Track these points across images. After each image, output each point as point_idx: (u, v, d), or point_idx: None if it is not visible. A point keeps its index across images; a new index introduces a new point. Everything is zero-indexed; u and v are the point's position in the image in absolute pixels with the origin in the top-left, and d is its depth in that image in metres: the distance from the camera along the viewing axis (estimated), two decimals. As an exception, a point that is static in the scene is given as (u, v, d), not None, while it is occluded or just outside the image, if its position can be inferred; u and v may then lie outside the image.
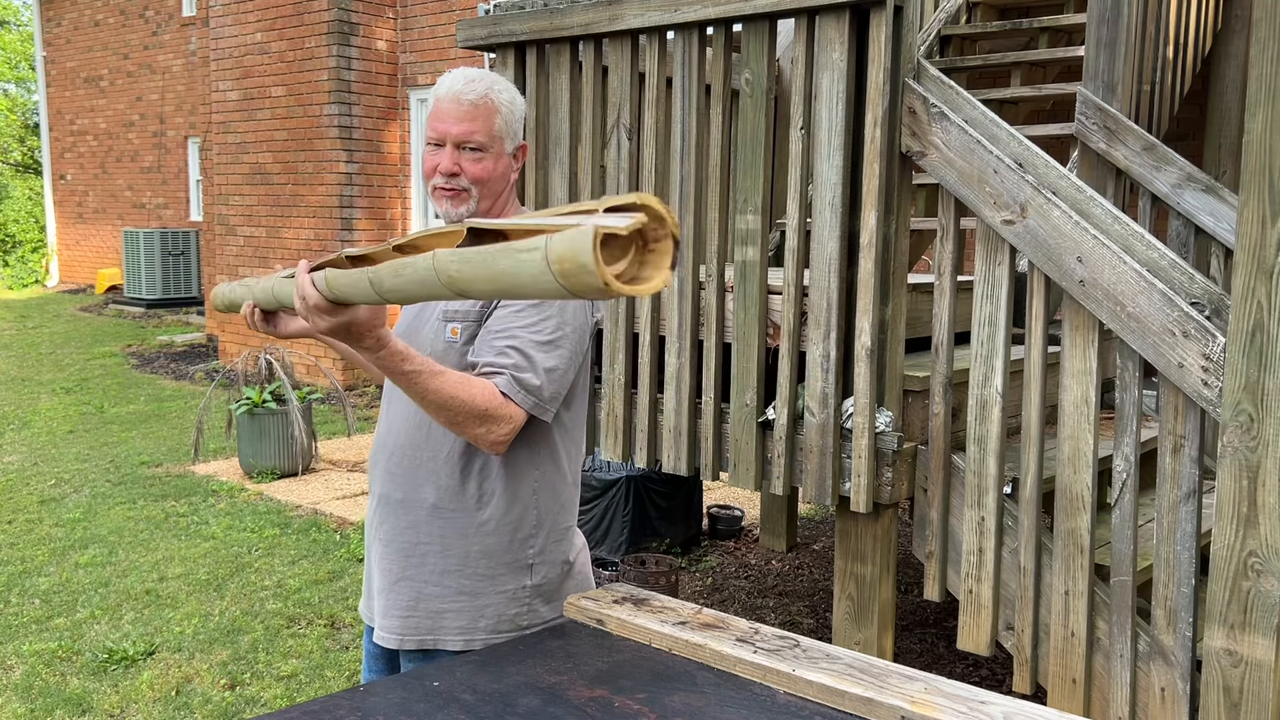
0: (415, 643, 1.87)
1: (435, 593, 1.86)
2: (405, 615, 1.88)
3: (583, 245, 1.03)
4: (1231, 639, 2.26)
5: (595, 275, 1.03)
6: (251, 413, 6.26)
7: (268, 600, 4.38)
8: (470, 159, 1.82)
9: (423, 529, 1.86)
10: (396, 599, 1.88)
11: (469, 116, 1.80)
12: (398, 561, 1.88)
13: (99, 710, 3.44)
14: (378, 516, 1.92)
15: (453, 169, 1.81)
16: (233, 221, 9.86)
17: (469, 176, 1.82)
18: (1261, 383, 2.19)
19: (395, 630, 1.88)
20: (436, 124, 1.82)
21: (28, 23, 23.88)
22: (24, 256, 19.46)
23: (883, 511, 2.89)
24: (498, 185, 1.87)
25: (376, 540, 1.93)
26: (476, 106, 1.81)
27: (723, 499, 5.98)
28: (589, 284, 1.04)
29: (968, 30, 5.44)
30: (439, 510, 1.85)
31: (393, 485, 1.89)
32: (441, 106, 1.81)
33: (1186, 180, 3.51)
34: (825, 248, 2.83)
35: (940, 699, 1.49)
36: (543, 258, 1.08)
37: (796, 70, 2.89)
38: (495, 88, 1.83)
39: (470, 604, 1.85)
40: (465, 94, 1.80)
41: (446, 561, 1.86)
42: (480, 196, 1.85)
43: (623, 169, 3.25)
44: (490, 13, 3.50)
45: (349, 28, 8.82)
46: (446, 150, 1.82)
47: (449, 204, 1.84)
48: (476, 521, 1.85)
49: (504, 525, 1.86)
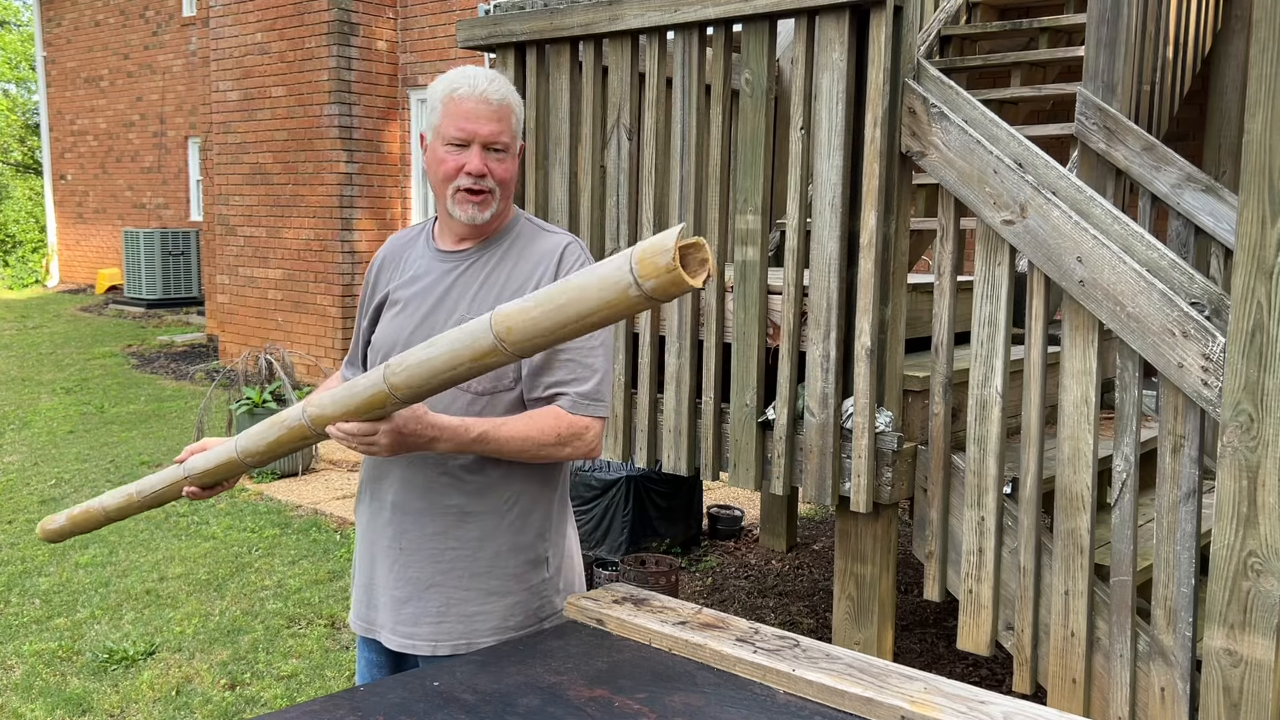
0: (449, 648, 1.84)
1: (466, 596, 1.85)
2: (438, 621, 1.85)
3: (666, 240, 1.31)
4: (1231, 639, 2.26)
5: (670, 255, 1.29)
6: (252, 413, 6.26)
7: (268, 600, 4.38)
8: (496, 160, 1.81)
9: (452, 534, 1.84)
10: (426, 606, 1.85)
11: (497, 117, 1.78)
12: (425, 569, 1.85)
13: (99, 710, 3.44)
14: (392, 527, 1.88)
15: (483, 170, 1.79)
16: (233, 221, 9.86)
17: (495, 177, 1.81)
18: (1261, 383, 2.19)
19: (427, 637, 1.85)
20: (464, 123, 1.78)
21: (28, 23, 23.88)
22: (24, 256, 19.46)
23: (883, 511, 2.89)
24: (513, 186, 1.87)
25: (391, 550, 1.88)
26: (503, 107, 1.79)
27: (723, 499, 5.98)
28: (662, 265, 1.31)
29: (968, 30, 5.44)
30: (469, 514, 1.84)
31: (411, 494, 1.86)
32: (467, 106, 1.78)
33: (1186, 180, 3.51)
34: (825, 248, 2.83)
35: (940, 699, 1.49)
36: (625, 259, 1.34)
37: (796, 70, 2.89)
38: (509, 86, 1.83)
39: (500, 603, 1.86)
40: (492, 94, 1.78)
41: (477, 564, 1.85)
42: (501, 198, 1.84)
43: (623, 169, 3.25)
44: (490, 13, 3.50)
45: (349, 28, 8.82)
46: (474, 151, 1.79)
47: (475, 209, 1.82)
48: (506, 521, 1.85)
49: (529, 523, 1.87)
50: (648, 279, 1.32)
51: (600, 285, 1.38)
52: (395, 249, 2.01)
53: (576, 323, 1.42)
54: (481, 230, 1.88)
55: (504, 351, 1.49)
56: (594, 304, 1.39)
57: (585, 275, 1.40)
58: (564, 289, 1.42)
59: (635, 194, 3.27)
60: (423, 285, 1.90)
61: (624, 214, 3.27)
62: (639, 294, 1.34)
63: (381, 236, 9.18)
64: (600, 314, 1.40)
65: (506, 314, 1.48)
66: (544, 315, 1.43)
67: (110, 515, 2.13)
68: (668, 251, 1.30)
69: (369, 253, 9.08)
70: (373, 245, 9.11)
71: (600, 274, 1.38)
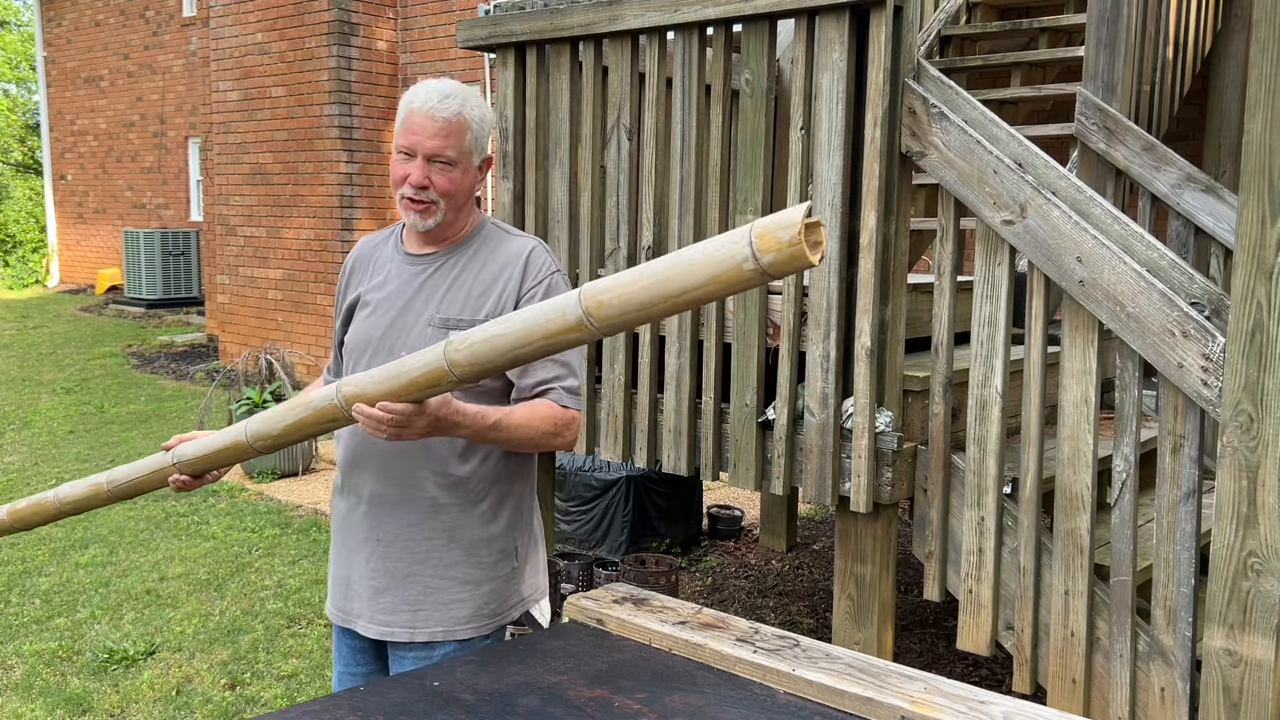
0: (427, 635, 1.91)
1: (442, 585, 1.92)
2: (415, 609, 1.92)
3: (794, 215, 1.32)
4: (1231, 639, 2.26)
5: (796, 230, 1.31)
6: (251, 413, 6.26)
7: (268, 600, 4.38)
8: (439, 172, 1.87)
9: (426, 525, 1.91)
10: (403, 595, 1.92)
11: (442, 133, 1.85)
12: (401, 560, 1.92)
13: (99, 710, 3.44)
14: (369, 519, 1.94)
15: (423, 182, 1.87)
16: (233, 221, 9.86)
17: (437, 189, 1.88)
18: (1261, 383, 2.19)
19: (405, 624, 1.92)
20: (409, 135, 1.86)
21: (28, 23, 23.88)
22: (24, 256, 19.46)
23: (882, 511, 2.89)
24: (462, 198, 1.93)
25: (369, 541, 1.95)
26: (450, 123, 1.86)
27: (723, 499, 5.98)
28: (785, 240, 1.32)
29: (968, 30, 5.44)
30: (441, 505, 1.91)
31: (386, 485, 1.92)
32: (415, 120, 1.86)
33: (1186, 180, 3.51)
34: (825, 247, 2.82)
35: (940, 699, 1.49)
36: (744, 232, 1.35)
37: (796, 70, 2.89)
38: (468, 103, 1.88)
39: (475, 592, 1.93)
40: (440, 111, 1.85)
41: (452, 554, 1.92)
42: (446, 209, 1.91)
43: (623, 169, 3.25)
44: (490, 13, 3.50)
45: (349, 28, 8.82)
46: (417, 163, 1.87)
47: (417, 216, 1.90)
48: (477, 512, 1.93)
49: (500, 513, 1.95)
50: (767, 252, 1.33)
51: (710, 259, 1.37)
52: (366, 251, 2.08)
53: (678, 297, 1.40)
54: (443, 235, 1.96)
55: (588, 329, 1.47)
56: (701, 277, 1.37)
57: (693, 249, 1.39)
58: (670, 262, 1.40)
59: (635, 194, 3.27)
60: (392, 288, 1.97)
61: (624, 214, 3.27)
62: (754, 268, 1.34)
63: (381, 236, 9.17)
64: (705, 289, 1.38)
65: (599, 288, 1.45)
66: (644, 289, 1.41)
67: (65, 509, 2.08)
68: (794, 225, 1.31)
69: (369, 253, 9.07)
70: (373, 245, 9.10)
71: (712, 247, 1.37)
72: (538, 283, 1.92)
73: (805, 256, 1.33)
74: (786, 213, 1.34)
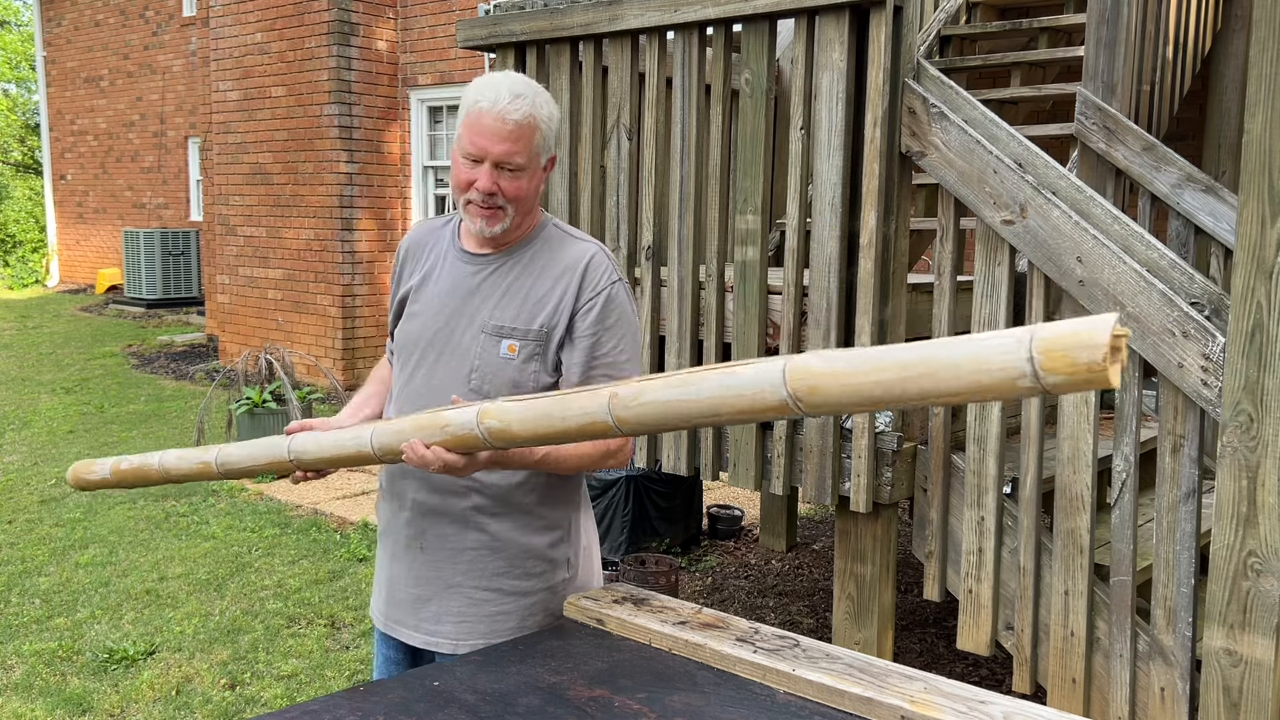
0: (469, 647, 1.86)
1: (487, 596, 1.86)
2: (459, 621, 1.87)
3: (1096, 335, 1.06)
4: (1231, 639, 2.26)
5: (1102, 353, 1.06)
6: (252, 413, 6.26)
7: (268, 600, 4.38)
8: (508, 178, 1.79)
9: (472, 534, 1.86)
10: (448, 605, 1.87)
11: (512, 137, 1.75)
12: (444, 569, 1.87)
13: (99, 710, 3.44)
14: (413, 525, 1.89)
15: (491, 188, 1.78)
16: (233, 221, 9.86)
17: (506, 195, 1.79)
18: (1261, 382, 2.19)
19: (450, 636, 1.88)
20: (477, 139, 1.76)
21: (28, 23, 23.88)
22: (24, 256, 19.46)
23: (882, 511, 2.89)
24: (530, 202, 1.85)
25: (411, 548, 1.90)
26: (521, 126, 1.75)
27: (723, 499, 5.97)
28: (1083, 363, 1.07)
29: (967, 30, 5.44)
30: (489, 515, 1.85)
31: (432, 494, 1.86)
32: (484, 122, 1.75)
33: (1186, 180, 3.52)
34: (825, 248, 2.83)
35: (940, 699, 1.49)
36: (1023, 345, 1.11)
37: (796, 70, 2.89)
38: (538, 101, 1.78)
39: (520, 603, 1.88)
40: (510, 112, 1.74)
41: (497, 564, 1.86)
42: (514, 213, 1.83)
43: (623, 169, 3.25)
44: (490, 13, 3.50)
45: (349, 28, 8.82)
46: (485, 169, 1.77)
47: (484, 223, 1.81)
48: (526, 522, 1.87)
49: (550, 523, 1.89)
50: (1054, 374, 1.09)
51: (977, 365, 1.14)
52: (420, 237, 2.00)
53: (919, 398, 1.19)
54: (505, 238, 1.88)
55: (794, 410, 1.30)
56: (959, 385, 1.16)
57: (956, 347, 1.17)
58: (921, 354, 1.18)
59: (635, 194, 3.27)
60: (444, 287, 1.90)
61: (624, 214, 3.27)
62: (1032, 385, 1.11)
63: (382, 237, 9.18)
64: (962, 396, 1.17)
65: (814, 371, 1.27)
66: (877, 384, 1.21)
67: (169, 477, 2.04)
68: (1098, 349, 1.06)
69: (369, 253, 9.08)
70: (373, 245, 9.11)
71: (980, 352, 1.14)
72: (596, 293, 1.83)
73: (1107, 380, 1.07)
74: (1085, 327, 1.07)
